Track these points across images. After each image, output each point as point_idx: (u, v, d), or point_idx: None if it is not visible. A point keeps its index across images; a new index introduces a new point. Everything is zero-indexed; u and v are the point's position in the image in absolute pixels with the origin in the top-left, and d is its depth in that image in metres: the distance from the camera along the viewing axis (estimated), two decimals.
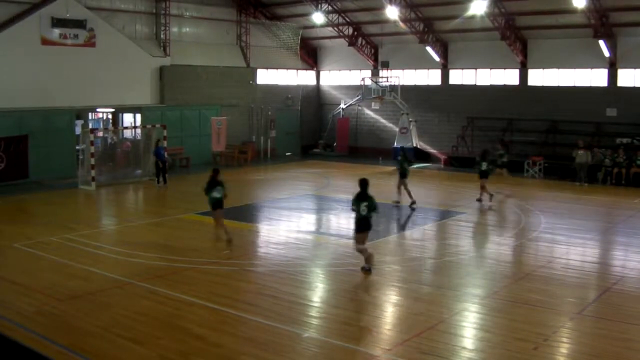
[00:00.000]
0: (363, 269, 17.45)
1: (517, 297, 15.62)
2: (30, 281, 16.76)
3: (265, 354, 12.19)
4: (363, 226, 17.50)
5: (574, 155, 33.81)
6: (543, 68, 39.54)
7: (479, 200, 27.69)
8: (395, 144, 43.77)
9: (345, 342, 12.77)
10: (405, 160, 27.39)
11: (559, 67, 38.90)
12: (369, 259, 17.43)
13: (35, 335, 13.01)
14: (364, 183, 17.63)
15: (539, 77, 39.88)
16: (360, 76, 45.98)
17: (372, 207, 17.49)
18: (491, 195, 27.57)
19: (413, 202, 26.82)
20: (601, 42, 35.91)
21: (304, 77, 49.39)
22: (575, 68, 38.34)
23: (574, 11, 34.36)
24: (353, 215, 17.64)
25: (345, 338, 13.01)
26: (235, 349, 12.46)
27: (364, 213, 17.41)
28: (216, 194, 20.47)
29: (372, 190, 17.42)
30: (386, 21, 41.01)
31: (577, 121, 37.29)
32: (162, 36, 40.07)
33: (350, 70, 48.07)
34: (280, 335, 13.11)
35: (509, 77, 41.00)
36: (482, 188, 27.52)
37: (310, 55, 49.45)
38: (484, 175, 27.43)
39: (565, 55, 38.19)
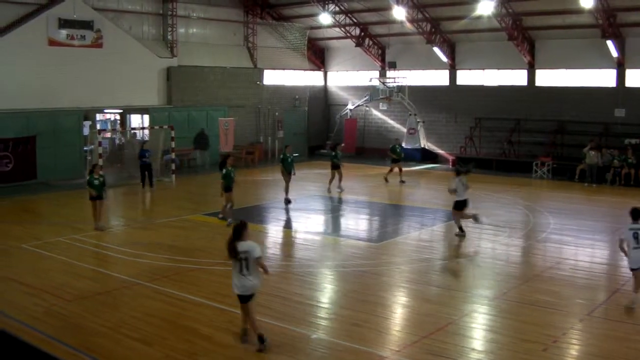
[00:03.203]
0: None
1: (526, 298, 15.56)
2: (38, 282, 16.77)
3: (274, 355, 12.16)
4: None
5: (583, 157, 33.69)
6: (551, 68, 39.43)
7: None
8: (403, 144, 43.69)
9: (353, 343, 12.73)
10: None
11: (566, 68, 38.78)
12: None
13: (43, 335, 13.00)
14: None
15: (546, 78, 39.76)
16: (367, 77, 45.91)
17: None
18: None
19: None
20: (609, 43, 35.78)
21: (311, 78, 49.35)
22: (583, 68, 38.19)
23: (581, 11, 34.26)
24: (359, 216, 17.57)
25: (354, 339, 12.96)
26: (243, 349, 12.44)
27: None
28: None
29: (377, 192, 17.35)
30: (393, 22, 40.95)
31: (585, 122, 37.15)
32: (169, 37, 40.10)
33: (357, 70, 48.02)
34: (288, 336, 13.08)
35: (517, 77, 40.89)
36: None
37: (317, 55, 49.44)
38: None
39: (573, 56, 38.06)
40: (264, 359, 12.03)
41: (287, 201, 27.86)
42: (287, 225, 24.97)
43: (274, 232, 23.71)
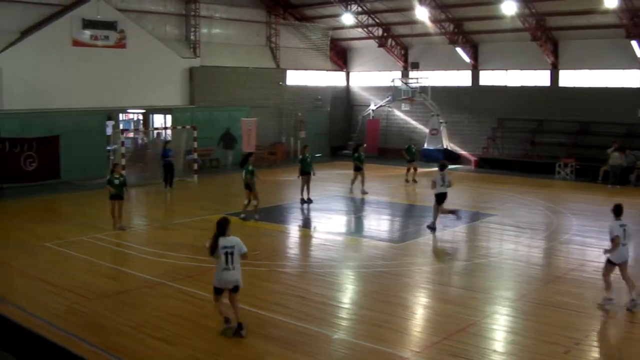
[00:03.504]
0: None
1: (548, 300, 15.49)
2: (61, 280, 16.89)
3: (295, 355, 12.19)
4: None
5: (607, 157, 33.46)
6: (574, 69, 39.17)
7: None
8: (425, 145, 43.64)
9: (374, 344, 12.73)
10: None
11: (590, 68, 38.52)
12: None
13: (65, 333, 13.10)
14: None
15: (570, 78, 39.52)
16: (390, 77, 45.82)
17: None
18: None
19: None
20: (633, 43, 35.50)
21: (334, 78, 49.38)
22: (606, 69, 37.91)
23: (605, 11, 34.02)
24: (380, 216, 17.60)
25: (374, 340, 12.96)
26: (265, 349, 12.48)
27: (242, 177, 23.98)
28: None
29: (399, 192, 17.33)
30: (416, 22, 40.86)
31: (609, 122, 36.90)
32: (191, 37, 40.25)
33: (380, 71, 47.94)
34: (309, 336, 13.10)
35: (540, 78, 40.68)
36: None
37: (339, 56, 49.43)
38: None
39: (597, 56, 37.80)
40: (285, 358, 12.06)
41: (303, 201, 28.01)
42: (309, 225, 25.00)
43: (295, 232, 23.75)
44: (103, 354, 12.17)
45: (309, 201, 27.91)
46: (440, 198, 22.83)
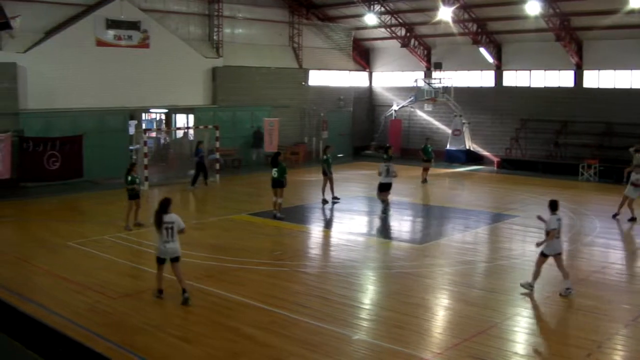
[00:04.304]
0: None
1: (571, 302, 15.38)
2: (83, 279, 16.98)
3: (315, 355, 12.18)
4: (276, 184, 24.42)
5: (631, 158, 33.12)
6: (599, 69, 38.91)
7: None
8: (448, 146, 43.53)
9: (395, 345, 12.70)
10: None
11: (615, 69, 38.24)
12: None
13: (87, 331, 13.19)
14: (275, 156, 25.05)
15: (594, 79, 39.24)
16: (412, 77, 45.74)
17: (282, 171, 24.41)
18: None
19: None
20: None
21: (357, 79, 49.34)
22: (632, 69, 37.60)
23: (630, 11, 33.74)
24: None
25: (395, 341, 12.93)
26: (285, 350, 12.47)
27: (275, 176, 24.40)
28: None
29: (420, 193, 17.30)
30: (439, 22, 40.72)
31: (634, 124, 36.57)
32: (214, 37, 40.35)
33: (402, 71, 47.86)
34: (330, 337, 13.09)
35: (564, 78, 40.44)
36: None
37: (362, 56, 49.39)
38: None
39: (622, 57, 37.49)
40: (305, 359, 12.05)
41: (325, 202, 28.07)
42: (330, 226, 24.96)
43: (317, 232, 23.73)
44: (124, 352, 12.23)
45: (336, 199, 28.05)
46: (384, 187, 25.81)
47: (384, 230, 24.14)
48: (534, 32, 39.41)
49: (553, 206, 16.15)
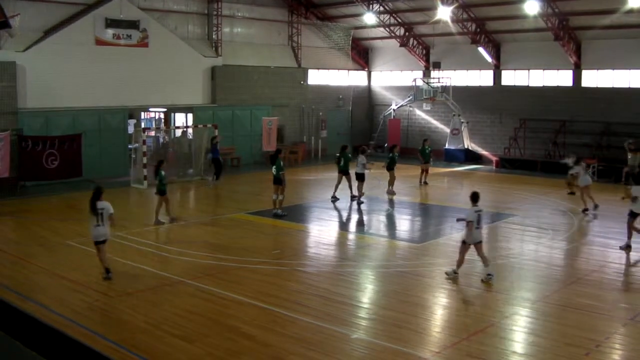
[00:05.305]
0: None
1: (569, 301, 15.42)
2: (82, 278, 17.03)
3: (314, 354, 12.21)
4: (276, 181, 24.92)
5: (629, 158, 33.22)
6: (597, 69, 38.94)
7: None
8: (446, 145, 43.55)
9: (394, 344, 12.73)
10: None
11: (613, 68, 38.26)
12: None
13: (86, 330, 13.21)
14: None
15: (593, 79, 39.27)
16: (411, 77, 45.78)
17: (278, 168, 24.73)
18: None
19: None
20: None
21: (355, 78, 49.35)
22: (630, 69, 37.63)
23: (629, 11, 33.78)
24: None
25: (394, 340, 12.96)
26: (284, 349, 12.50)
27: (274, 173, 24.83)
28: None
29: (419, 192, 17.37)
30: (438, 21, 40.73)
31: (632, 123, 36.57)
32: (213, 36, 40.35)
33: (401, 70, 47.90)
34: (329, 336, 13.12)
35: (563, 78, 40.45)
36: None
37: (361, 55, 49.41)
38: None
39: (620, 56, 37.51)
40: (304, 357, 12.08)
41: (335, 199, 28.38)
42: (330, 225, 24.95)
43: (316, 231, 23.71)
44: (123, 351, 12.25)
45: (354, 198, 28.31)
46: (359, 177, 28.04)
47: (363, 225, 25.00)
48: (532, 32, 39.44)
49: (473, 198, 17.25)
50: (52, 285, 16.63)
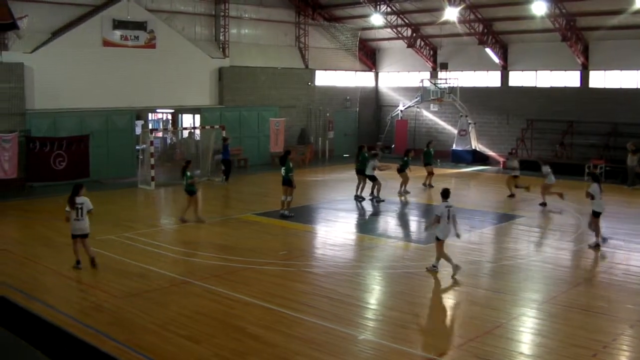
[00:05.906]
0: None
1: (576, 303, 15.37)
2: (89, 278, 17.07)
3: (321, 355, 12.20)
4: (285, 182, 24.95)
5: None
6: (605, 70, 38.86)
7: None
8: (454, 146, 43.48)
9: (400, 345, 12.71)
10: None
11: (621, 69, 38.18)
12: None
13: (93, 330, 13.23)
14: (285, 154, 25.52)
15: (600, 79, 39.20)
16: (418, 78, 45.74)
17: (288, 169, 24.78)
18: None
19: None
20: None
21: (363, 79, 49.34)
22: (638, 70, 37.50)
23: (636, 12, 33.70)
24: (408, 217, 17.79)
25: (401, 341, 12.95)
26: (290, 349, 12.49)
27: (283, 174, 24.88)
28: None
29: (426, 193, 17.40)
30: (445, 22, 40.70)
31: None
32: (221, 38, 40.38)
33: (408, 71, 47.89)
34: (335, 337, 13.11)
35: (570, 78, 40.38)
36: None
37: (368, 56, 49.40)
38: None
39: (628, 57, 37.40)
40: (311, 358, 12.08)
41: (358, 198, 28.80)
42: (337, 226, 24.91)
43: (323, 232, 23.71)
44: (129, 352, 12.25)
45: (374, 198, 28.56)
46: (371, 178, 28.40)
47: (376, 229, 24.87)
48: (540, 33, 39.39)
49: (444, 194, 17.76)
50: (58, 285, 16.69)
